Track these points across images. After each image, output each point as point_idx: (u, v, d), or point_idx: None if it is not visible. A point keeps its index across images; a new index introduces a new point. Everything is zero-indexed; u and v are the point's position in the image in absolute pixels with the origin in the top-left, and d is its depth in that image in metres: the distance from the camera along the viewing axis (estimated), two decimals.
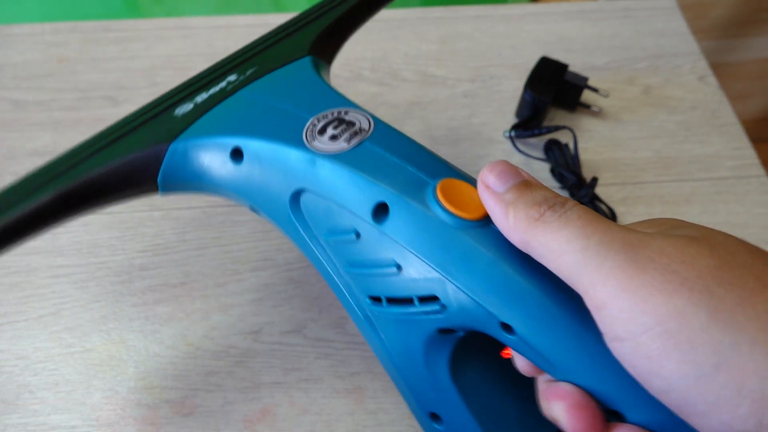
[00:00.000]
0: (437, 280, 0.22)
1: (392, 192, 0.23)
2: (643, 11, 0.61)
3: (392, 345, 0.25)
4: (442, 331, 0.23)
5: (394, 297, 0.23)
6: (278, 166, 0.25)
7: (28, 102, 0.53)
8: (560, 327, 0.20)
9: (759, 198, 0.49)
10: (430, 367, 0.24)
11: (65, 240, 0.45)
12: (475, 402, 0.24)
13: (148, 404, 0.39)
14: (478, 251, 0.21)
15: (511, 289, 0.21)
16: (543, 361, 0.21)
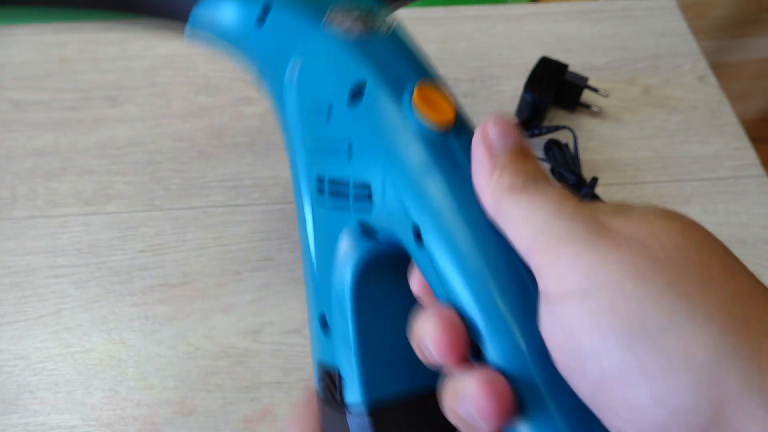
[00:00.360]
0: (377, 169, 0.22)
1: (375, 76, 0.23)
2: (643, 11, 0.61)
3: (318, 234, 0.25)
4: (363, 227, 0.23)
5: (335, 179, 0.24)
6: (291, 33, 0.26)
7: (28, 102, 0.53)
8: (467, 250, 0.20)
9: (759, 198, 0.49)
10: (339, 264, 0.24)
11: (65, 240, 0.45)
12: (364, 321, 0.24)
13: (148, 404, 0.39)
14: (426, 154, 0.21)
15: (433, 199, 0.21)
16: (437, 279, 0.21)
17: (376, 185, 0.22)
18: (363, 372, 0.23)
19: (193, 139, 0.51)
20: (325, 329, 0.25)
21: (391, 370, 0.24)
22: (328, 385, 0.24)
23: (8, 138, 0.50)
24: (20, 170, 0.49)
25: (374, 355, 0.24)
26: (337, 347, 0.24)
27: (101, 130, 0.51)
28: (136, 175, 0.49)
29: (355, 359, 0.23)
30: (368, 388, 0.23)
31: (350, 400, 0.23)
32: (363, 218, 0.23)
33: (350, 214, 0.23)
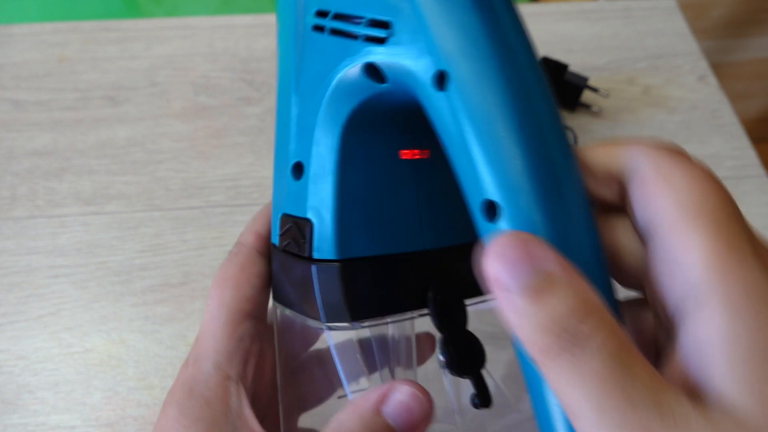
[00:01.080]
0: (401, 6, 0.19)
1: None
2: (643, 11, 0.61)
3: (306, 71, 0.23)
4: (369, 70, 0.21)
5: (345, 13, 0.21)
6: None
7: (28, 102, 0.53)
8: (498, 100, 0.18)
9: (759, 198, 0.49)
10: (330, 107, 0.22)
11: (65, 240, 0.45)
12: (347, 171, 0.22)
13: (148, 404, 0.39)
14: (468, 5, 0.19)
15: (468, 41, 0.18)
16: (458, 137, 0.18)
17: (399, 23, 0.20)
18: (338, 225, 0.22)
19: (193, 139, 0.51)
20: (297, 178, 0.23)
21: (373, 229, 0.23)
22: (295, 237, 0.23)
23: (8, 138, 0.50)
24: (20, 170, 0.49)
25: (352, 211, 0.22)
26: (311, 198, 0.22)
27: (101, 130, 0.51)
28: (136, 175, 0.49)
29: (331, 212, 0.22)
30: (341, 242, 0.22)
31: (320, 252, 0.22)
32: (372, 58, 0.21)
33: (356, 52, 0.21)
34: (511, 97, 0.18)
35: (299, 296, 0.23)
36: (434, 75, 0.19)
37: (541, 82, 0.19)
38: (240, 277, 0.24)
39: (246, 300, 0.24)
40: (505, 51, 0.18)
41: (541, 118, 0.18)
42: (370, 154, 0.22)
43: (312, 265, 0.22)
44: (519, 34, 0.19)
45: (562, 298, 0.16)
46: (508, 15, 0.19)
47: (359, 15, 0.21)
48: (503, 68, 0.18)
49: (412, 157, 0.23)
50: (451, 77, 0.18)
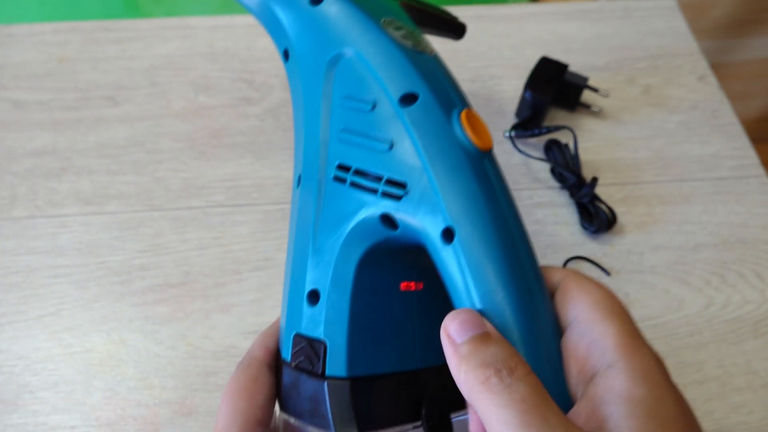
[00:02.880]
0: (418, 172, 0.24)
1: (428, 92, 0.26)
2: (643, 11, 0.61)
3: (326, 214, 0.27)
4: (384, 219, 0.25)
5: (366, 171, 0.26)
6: (347, 24, 0.28)
7: (28, 102, 0.53)
8: (494, 255, 0.23)
9: (759, 198, 0.49)
10: (347, 246, 0.26)
11: (65, 240, 0.45)
12: (359, 300, 0.26)
13: (148, 404, 0.39)
14: (468, 169, 0.24)
15: (472, 207, 0.24)
16: (460, 275, 0.23)
17: (413, 185, 0.24)
18: (350, 347, 0.25)
19: (193, 139, 0.51)
20: (314, 304, 0.26)
21: (377, 350, 0.26)
22: (309, 355, 0.26)
23: (8, 138, 0.50)
24: (20, 170, 0.49)
25: (363, 334, 0.26)
26: (327, 322, 0.26)
27: (101, 130, 0.51)
28: (136, 175, 0.49)
29: (344, 334, 0.25)
30: (352, 362, 0.25)
31: (332, 370, 0.25)
32: (389, 211, 0.25)
33: (374, 204, 0.25)
34: (504, 255, 0.23)
35: (310, 408, 0.26)
36: (443, 231, 0.24)
37: (525, 238, 0.24)
38: (253, 387, 0.27)
39: (258, 408, 0.26)
40: (498, 212, 0.24)
41: (527, 272, 0.24)
42: (378, 286, 0.26)
43: (324, 382, 0.25)
44: (506, 195, 0.25)
45: (498, 346, 0.21)
46: (498, 181, 0.25)
47: (379, 174, 0.25)
48: (497, 226, 0.24)
49: (408, 288, 0.27)
50: (457, 234, 0.23)
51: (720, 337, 0.43)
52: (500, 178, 0.25)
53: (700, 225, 0.47)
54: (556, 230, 0.47)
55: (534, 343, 0.23)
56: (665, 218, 0.48)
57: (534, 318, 0.23)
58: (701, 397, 0.40)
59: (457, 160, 0.24)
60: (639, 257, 0.46)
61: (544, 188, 0.49)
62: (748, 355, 0.42)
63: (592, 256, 0.45)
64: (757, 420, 0.40)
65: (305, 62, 0.29)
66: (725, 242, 0.47)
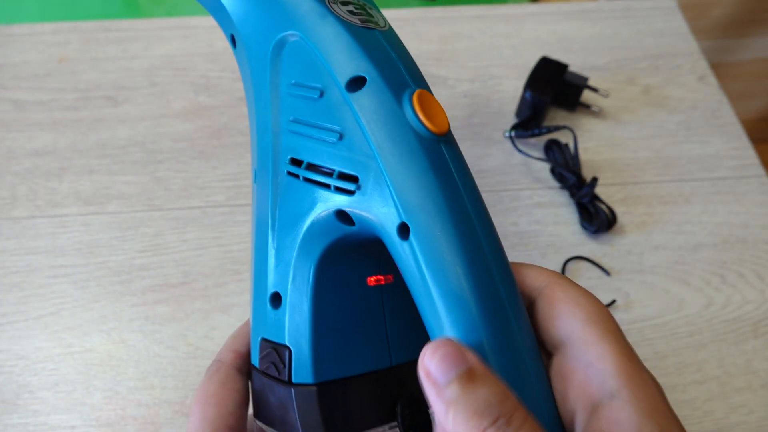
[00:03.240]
0: (368, 163, 0.23)
1: (377, 74, 0.23)
2: (643, 11, 0.61)
3: (282, 211, 0.25)
4: (339, 215, 0.23)
5: (317, 164, 0.24)
6: (289, 5, 0.26)
7: (28, 102, 0.53)
8: (454, 252, 0.21)
9: (759, 198, 0.49)
10: (304, 244, 0.24)
11: (65, 240, 0.45)
12: (320, 298, 0.24)
13: (148, 404, 0.39)
14: (422, 157, 0.22)
15: (427, 198, 0.22)
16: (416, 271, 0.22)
17: (365, 179, 0.23)
18: (315, 352, 0.24)
19: (193, 139, 0.51)
20: (276, 307, 0.25)
21: (346, 351, 0.25)
22: (274, 362, 0.25)
23: (8, 138, 0.50)
24: (20, 170, 0.49)
25: (330, 337, 0.24)
26: (289, 326, 0.24)
27: (101, 130, 0.51)
28: (136, 175, 0.49)
29: (308, 339, 0.24)
30: (318, 367, 0.24)
31: (298, 377, 0.24)
32: (343, 206, 0.23)
33: (328, 200, 0.24)
34: (463, 249, 0.21)
35: (279, 416, 0.25)
36: (398, 226, 0.22)
37: (489, 229, 0.22)
38: (222, 393, 0.26)
39: (229, 415, 0.25)
40: (456, 202, 0.22)
41: (490, 264, 0.22)
42: (341, 284, 0.25)
43: (291, 389, 0.24)
44: (466, 183, 0.23)
45: (487, 387, 0.19)
46: (458, 167, 0.23)
47: (330, 168, 0.23)
48: (455, 220, 0.21)
49: (377, 283, 0.26)
50: (412, 229, 0.22)
51: (720, 337, 0.43)
52: (460, 164, 0.23)
53: (700, 225, 0.47)
54: (556, 230, 0.47)
55: (516, 370, 0.21)
56: (665, 218, 0.48)
57: (505, 330, 0.21)
58: (701, 397, 0.40)
59: (408, 148, 0.22)
60: (639, 257, 0.46)
61: (544, 188, 0.49)
62: (748, 355, 0.42)
63: (592, 256, 0.45)
64: (757, 420, 0.40)
65: (251, 48, 0.27)
66: (725, 242, 0.47)
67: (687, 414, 0.40)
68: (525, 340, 0.22)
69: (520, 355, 0.21)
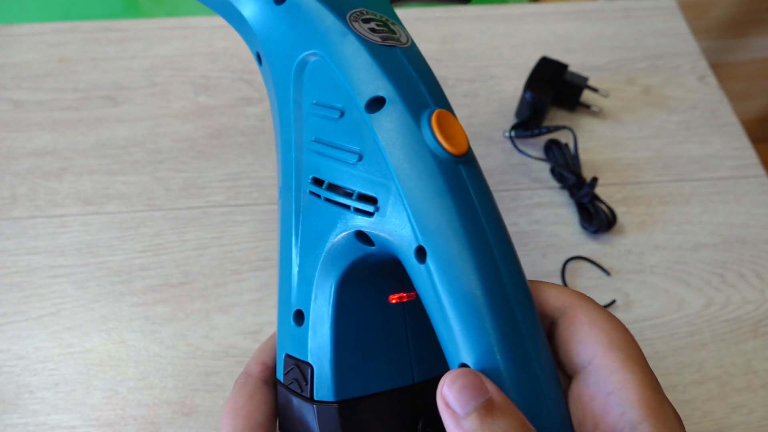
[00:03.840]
0: (387, 185, 0.23)
1: (396, 95, 0.23)
2: (643, 11, 0.61)
3: (305, 229, 0.25)
4: (359, 235, 0.24)
5: (337, 185, 0.24)
6: (311, 23, 0.26)
7: (28, 102, 0.53)
8: (471, 277, 0.21)
9: (759, 198, 0.49)
10: (326, 264, 0.24)
11: (65, 240, 0.45)
12: (341, 317, 0.24)
13: (148, 404, 0.39)
14: (440, 179, 0.22)
15: (444, 222, 0.22)
16: (433, 296, 0.22)
17: (383, 201, 0.23)
18: (336, 371, 0.24)
19: (193, 139, 0.51)
20: (299, 324, 0.25)
21: (368, 369, 0.25)
22: (297, 378, 0.25)
23: (8, 138, 0.50)
24: (20, 170, 0.49)
25: (352, 355, 0.25)
26: (311, 343, 0.25)
27: (101, 130, 0.51)
28: (136, 175, 0.49)
29: (330, 358, 0.24)
30: (339, 386, 0.24)
31: (320, 394, 0.24)
32: (362, 227, 0.23)
33: (349, 221, 0.24)
34: (480, 274, 0.21)
35: (302, 431, 0.25)
36: (415, 249, 0.22)
37: (508, 254, 0.22)
38: (250, 406, 0.26)
39: (258, 426, 0.26)
40: (475, 225, 0.22)
41: (508, 291, 0.21)
42: (363, 303, 0.25)
43: (313, 406, 0.24)
44: (487, 206, 0.22)
45: (505, 419, 0.19)
46: (477, 189, 0.22)
47: (350, 189, 0.24)
48: (474, 249, 0.21)
49: (399, 300, 0.26)
50: (429, 253, 0.21)
51: (720, 337, 0.43)
52: (480, 186, 0.23)
53: (700, 225, 0.47)
54: (556, 230, 0.47)
55: (533, 397, 0.21)
56: (665, 218, 0.48)
57: (522, 356, 0.21)
58: (701, 397, 0.40)
59: (425, 169, 0.22)
60: (639, 257, 0.46)
61: (544, 188, 0.49)
62: (748, 355, 0.42)
63: (592, 256, 0.45)
64: (757, 420, 0.40)
65: (275, 66, 0.27)
66: (725, 242, 0.47)
67: (687, 414, 0.40)
68: (543, 365, 0.21)
69: (536, 382, 0.21)
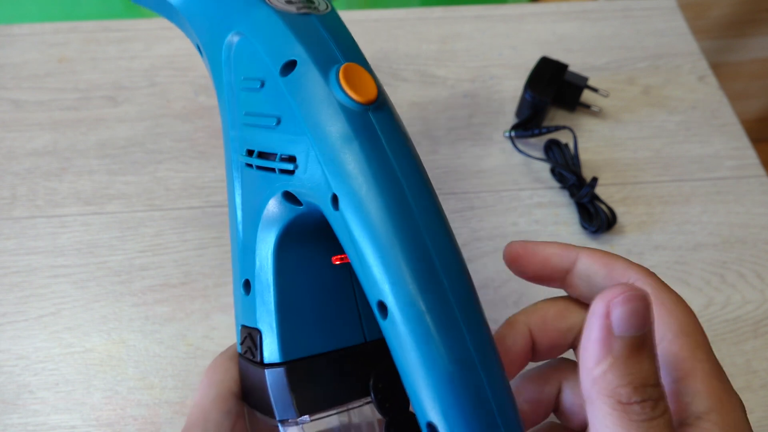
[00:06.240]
0: (303, 142, 0.23)
1: (307, 55, 0.24)
2: (643, 11, 0.61)
3: (245, 204, 0.27)
4: (286, 196, 0.25)
5: (264, 151, 0.25)
6: (231, 3, 0.28)
7: (28, 102, 0.53)
8: (381, 216, 0.21)
9: (759, 198, 0.49)
10: (263, 231, 0.25)
11: (65, 240, 0.45)
12: (283, 283, 0.25)
13: (148, 404, 0.39)
14: (346, 126, 0.23)
15: (353, 167, 0.22)
16: (349, 241, 0.22)
17: (301, 157, 0.24)
18: (281, 332, 0.25)
19: (193, 139, 0.51)
20: (248, 293, 0.26)
21: (315, 329, 0.26)
22: (250, 345, 0.26)
23: (8, 138, 0.50)
24: (20, 170, 0.49)
25: (296, 316, 0.25)
26: (258, 309, 0.25)
27: (101, 130, 0.51)
28: (136, 175, 0.49)
29: (275, 320, 0.25)
30: (285, 346, 0.25)
31: (269, 357, 0.25)
32: (287, 187, 0.24)
33: (275, 183, 0.25)
34: (389, 212, 0.21)
35: (259, 398, 0.25)
36: (330, 198, 0.23)
37: (422, 193, 0.22)
38: (228, 364, 0.27)
39: (233, 381, 0.27)
40: (382, 170, 0.22)
41: (420, 227, 0.21)
42: (305, 266, 0.26)
43: (263, 369, 0.25)
44: (400, 147, 0.23)
45: (650, 364, 0.18)
46: (389, 133, 0.23)
47: (274, 152, 0.25)
48: (382, 188, 0.22)
49: (342, 261, 0.27)
50: (340, 198, 0.22)
51: (720, 337, 0.43)
52: (391, 129, 0.23)
53: (700, 225, 0.47)
54: (556, 230, 0.47)
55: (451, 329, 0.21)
56: (665, 218, 0.48)
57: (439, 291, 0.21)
58: None
59: (333, 119, 0.23)
60: (639, 257, 0.46)
61: (544, 188, 0.49)
62: (748, 355, 0.42)
63: None
64: (757, 420, 0.40)
65: (210, 52, 0.29)
66: (725, 242, 0.47)
67: None
68: (458, 298, 0.21)
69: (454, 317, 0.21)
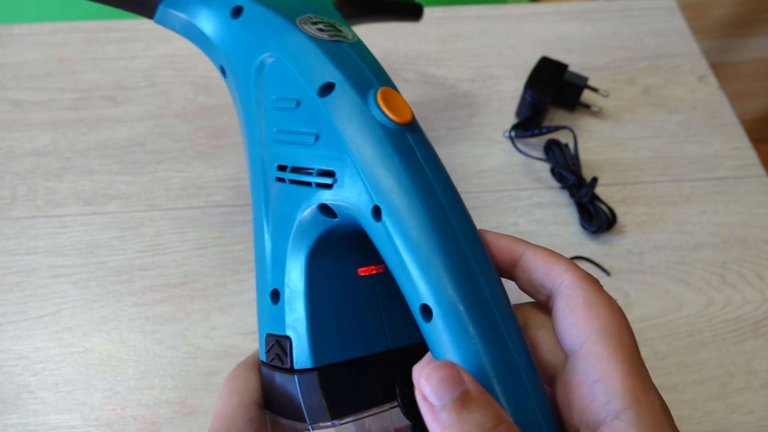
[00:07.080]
0: (342, 158, 0.25)
1: (343, 79, 0.26)
2: (643, 11, 0.61)
3: (275, 215, 0.28)
4: (322, 209, 0.26)
5: (299, 166, 0.27)
6: (265, 30, 0.30)
7: (28, 102, 0.53)
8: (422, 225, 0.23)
9: (759, 198, 0.49)
10: (294, 242, 0.27)
11: (65, 240, 0.45)
12: (315, 292, 0.26)
13: (148, 404, 0.39)
14: (387, 145, 0.25)
15: (395, 181, 0.24)
16: (391, 249, 0.24)
17: (340, 172, 0.25)
18: (312, 338, 0.26)
19: (193, 139, 0.51)
20: (276, 302, 0.27)
21: (343, 337, 0.27)
22: (278, 353, 0.27)
23: (8, 138, 0.50)
24: (20, 170, 0.49)
25: (325, 323, 0.26)
26: (288, 317, 0.26)
27: (101, 130, 0.51)
28: (136, 175, 0.49)
29: (305, 326, 0.26)
30: (316, 353, 0.26)
31: (299, 363, 0.26)
32: (323, 200, 0.26)
33: (311, 196, 0.26)
34: (431, 222, 0.23)
35: (286, 404, 0.26)
36: (372, 210, 0.24)
37: (457, 205, 0.24)
38: (249, 375, 0.28)
39: (255, 390, 0.27)
40: (422, 183, 0.24)
41: (458, 235, 0.23)
42: (333, 276, 0.27)
43: (294, 375, 0.26)
44: (434, 166, 0.25)
45: (481, 411, 0.19)
46: (424, 152, 0.25)
47: (310, 167, 0.26)
48: (423, 200, 0.23)
49: (368, 273, 0.28)
50: (383, 210, 0.24)
51: (720, 337, 0.43)
52: (425, 148, 0.25)
53: (700, 225, 0.47)
54: (556, 230, 0.47)
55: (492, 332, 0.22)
56: (665, 218, 0.48)
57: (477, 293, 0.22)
58: (701, 397, 0.40)
59: (375, 138, 0.25)
60: (639, 257, 0.46)
61: (544, 188, 0.49)
62: (748, 355, 0.42)
63: (592, 256, 0.45)
64: (756, 420, 0.40)
65: (237, 73, 0.30)
66: (725, 242, 0.47)
67: (687, 414, 0.40)
68: (497, 299, 0.23)
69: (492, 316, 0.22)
